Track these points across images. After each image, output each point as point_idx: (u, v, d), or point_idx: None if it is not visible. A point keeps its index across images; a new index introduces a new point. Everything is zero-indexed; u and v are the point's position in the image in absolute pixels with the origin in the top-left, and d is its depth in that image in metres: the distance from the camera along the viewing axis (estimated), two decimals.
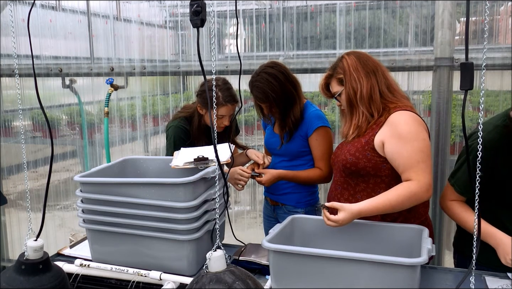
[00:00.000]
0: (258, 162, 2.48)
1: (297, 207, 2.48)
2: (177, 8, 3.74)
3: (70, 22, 3.75)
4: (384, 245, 1.76)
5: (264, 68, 2.37)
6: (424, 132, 1.91)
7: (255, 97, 2.38)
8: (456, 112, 2.99)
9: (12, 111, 4.08)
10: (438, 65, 2.68)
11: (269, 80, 2.32)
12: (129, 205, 1.75)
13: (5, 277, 1.21)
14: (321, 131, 2.38)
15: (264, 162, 2.46)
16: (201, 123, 2.56)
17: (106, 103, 3.34)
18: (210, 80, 1.92)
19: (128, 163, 2.16)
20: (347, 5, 3.13)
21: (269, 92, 2.31)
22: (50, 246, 2.90)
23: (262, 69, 2.37)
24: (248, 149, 2.65)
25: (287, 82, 2.34)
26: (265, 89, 2.32)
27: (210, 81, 1.91)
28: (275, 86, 2.31)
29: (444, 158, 2.73)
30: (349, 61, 2.01)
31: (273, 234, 1.68)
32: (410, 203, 1.84)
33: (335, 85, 2.08)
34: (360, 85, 1.97)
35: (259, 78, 2.34)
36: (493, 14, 3.04)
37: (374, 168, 1.94)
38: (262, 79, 2.33)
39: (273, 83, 2.31)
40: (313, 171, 2.43)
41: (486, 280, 1.72)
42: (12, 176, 4.18)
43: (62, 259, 1.99)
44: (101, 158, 3.84)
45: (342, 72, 2.02)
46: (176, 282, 1.71)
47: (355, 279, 1.47)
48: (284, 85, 2.33)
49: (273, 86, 2.31)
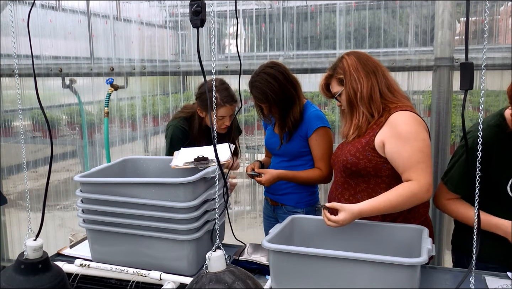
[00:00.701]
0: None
1: (297, 207, 2.48)
2: (177, 8, 3.74)
3: (70, 22, 3.75)
4: (384, 245, 1.76)
5: (264, 68, 2.37)
6: (424, 133, 1.91)
7: (255, 98, 2.38)
8: (456, 112, 2.99)
9: (12, 111, 4.08)
10: (438, 65, 2.68)
11: (269, 80, 2.32)
12: (129, 205, 1.75)
13: (5, 276, 1.21)
14: (321, 131, 2.38)
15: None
16: (202, 125, 2.56)
17: (106, 103, 3.34)
18: (209, 80, 1.93)
19: (128, 163, 2.16)
20: (347, 5, 3.13)
21: (269, 93, 2.31)
22: (50, 246, 2.90)
23: (261, 69, 2.37)
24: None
25: (287, 83, 2.34)
26: (264, 89, 2.32)
27: (209, 82, 1.92)
28: (275, 87, 2.31)
29: (444, 158, 2.73)
30: (349, 61, 2.01)
31: (273, 234, 1.68)
32: (410, 203, 1.84)
33: (335, 86, 2.07)
34: (360, 85, 1.97)
35: (258, 79, 2.34)
36: (493, 14, 3.04)
37: (375, 168, 1.93)
38: (261, 80, 2.33)
39: (272, 84, 2.31)
40: (313, 171, 2.42)
41: (486, 280, 1.72)
42: (12, 176, 4.18)
43: (62, 259, 1.99)
44: (101, 158, 3.84)
45: (342, 72, 2.02)
46: (176, 282, 1.70)
47: (355, 279, 1.47)
48: (284, 86, 2.33)
49: (273, 86, 2.31)
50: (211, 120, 1.32)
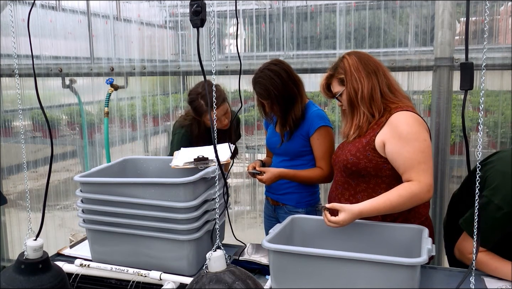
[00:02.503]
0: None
1: (298, 207, 2.48)
2: (177, 8, 3.74)
3: (70, 22, 3.75)
4: (384, 245, 1.76)
5: (268, 65, 2.39)
6: (425, 133, 1.91)
7: (258, 94, 2.39)
8: (456, 112, 2.99)
9: (12, 111, 4.08)
10: (438, 65, 2.68)
11: (272, 77, 2.33)
12: (129, 205, 1.75)
13: (5, 276, 1.21)
14: (322, 130, 2.39)
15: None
16: (201, 126, 2.58)
17: (106, 103, 3.34)
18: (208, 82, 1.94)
19: (128, 163, 2.16)
20: (347, 5, 3.13)
21: (271, 89, 2.32)
22: (50, 246, 2.90)
23: (265, 66, 2.39)
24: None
25: (289, 81, 2.35)
26: (267, 86, 2.32)
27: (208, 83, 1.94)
28: (277, 84, 2.32)
29: (444, 158, 2.73)
30: (350, 61, 2.01)
31: (273, 234, 1.68)
32: (411, 204, 1.84)
33: (336, 86, 2.07)
34: (361, 85, 1.97)
35: (262, 75, 2.35)
36: (493, 14, 3.04)
37: (375, 168, 1.93)
38: (265, 76, 2.34)
39: (275, 80, 2.32)
40: (314, 170, 2.43)
41: (485, 281, 1.72)
42: (12, 176, 4.18)
43: (62, 259, 1.99)
44: (101, 158, 3.84)
45: (343, 72, 2.02)
46: (176, 282, 1.70)
47: (355, 279, 1.47)
48: (286, 83, 2.34)
49: (275, 83, 2.32)
50: (211, 120, 1.32)
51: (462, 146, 2.91)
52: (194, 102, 2.54)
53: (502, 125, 2.87)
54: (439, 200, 2.78)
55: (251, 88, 3.50)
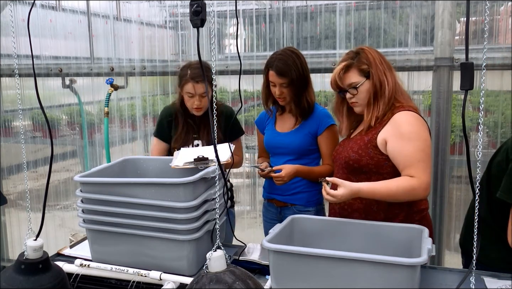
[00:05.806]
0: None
1: (308, 206, 2.47)
2: (177, 8, 3.73)
3: (70, 22, 3.75)
4: (384, 245, 1.76)
5: (287, 47, 2.47)
6: (426, 133, 1.94)
7: (276, 71, 2.34)
8: (456, 112, 2.99)
9: (12, 111, 4.08)
10: (438, 65, 2.68)
11: (293, 56, 2.37)
12: (129, 205, 1.75)
13: (5, 276, 1.21)
14: (331, 129, 2.43)
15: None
16: (182, 104, 2.54)
17: (106, 103, 3.34)
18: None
19: (128, 163, 2.16)
20: (347, 5, 3.13)
21: (292, 66, 2.34)
22: (50, 246, 2.89)
23: (285, 47, 2.47)
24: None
25: (306, 66, 2.41)
26: (288, 62, 2.34)
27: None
28: (297, 63, 2.36)
29: (444, 158, 2.73)
30: (372, 53, 2.00)
31: (273, 234, 1.68)
32: (407, 197, 1.87)
33: (354, 76, 2.01)
34: (386, 78, 1.98)
35: (283, 53, 2.39)
36: (493, 14, 3.03)
37: (376, 165, 1.95)
38: (286, 54, 2.37)
39: (296, 60, 2.37)
40: (325, 167, 2.44)
41: (485, 281, 1.72)
42: (12, 176, 4.18)
43: (62, 259, 1.99)
44: (101, 158, 3.84)
45: (367, 63, 1.99)
46: (176, 282, 1.70)
47: (355, 279, 1.47)
48: (305, 66, 2.40)
49: (296, 62, 2.36)
50: (211, 120, 1.31)
51: (462, 146, 2.91)
52: (182, 71, 2.50)
53: (502, 125, 2.87)
54: (439, 200, 2.78)
55: (251, 88, 3.50)
